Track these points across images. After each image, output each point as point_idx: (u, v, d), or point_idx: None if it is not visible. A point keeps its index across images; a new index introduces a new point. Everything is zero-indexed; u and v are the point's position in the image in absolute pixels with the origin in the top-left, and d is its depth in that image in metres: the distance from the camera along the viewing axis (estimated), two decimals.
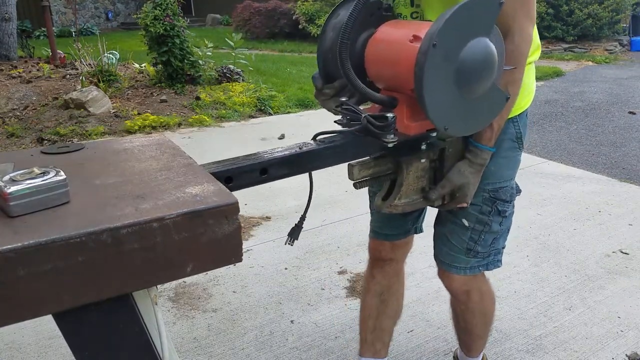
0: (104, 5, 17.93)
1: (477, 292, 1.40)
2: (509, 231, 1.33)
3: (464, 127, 1.04)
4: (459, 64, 0.94)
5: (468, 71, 0.95)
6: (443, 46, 0.90)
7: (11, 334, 1.95)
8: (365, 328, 1.58)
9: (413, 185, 1.13)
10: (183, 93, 5.97)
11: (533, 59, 1.21)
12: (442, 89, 0.95)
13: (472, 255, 1.29)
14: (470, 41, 0.94)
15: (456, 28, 0.91)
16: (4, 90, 5.59)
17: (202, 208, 0.67)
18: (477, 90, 0.99)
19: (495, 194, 1.22)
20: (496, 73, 1.00)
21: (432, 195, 1.13)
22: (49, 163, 0.79)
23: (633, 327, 1.97)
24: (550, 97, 6.59)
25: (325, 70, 1.16)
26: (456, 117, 1.00)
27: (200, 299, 2.20)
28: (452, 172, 1.13)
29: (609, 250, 2.56)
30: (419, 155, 1.10)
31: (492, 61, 0.97)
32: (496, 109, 1.06)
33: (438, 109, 0.96)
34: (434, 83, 0.92)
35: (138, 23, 6.25)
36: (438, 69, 0.92)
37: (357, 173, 1.07)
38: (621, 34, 11.20)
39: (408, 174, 1.10)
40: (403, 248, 1.50)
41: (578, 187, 3.45)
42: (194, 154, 0.92)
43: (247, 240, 2.72)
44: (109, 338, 0.70)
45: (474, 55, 0.94)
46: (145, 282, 0.68)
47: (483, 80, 0.98)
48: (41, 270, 0.58)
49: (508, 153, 1.22)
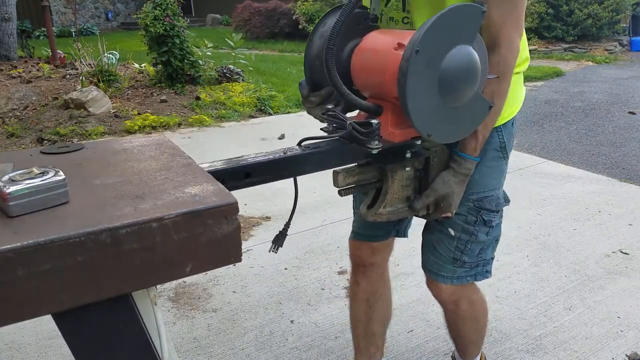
0: (104, 5, 17.93)
1: (466, 300, 1.39)
2: (497, 241, 1.32)
3: (448, 134, 1.04)
4: (441, 71, 0.94)
5: (451, 79, 0.95)
6: (426, 53, 0.91)
7: (11, 334, 1.95)
8: (357, 334, 1.57)
9: (398, 193, 1.13)
10: (183, 93, 5.97)
11: (521, 70, 1.21)
12: (425, 96, 0.95)
13: (459, 265, 1.28)
14: (453, 49, 0.94)
15: (439, 35, 0.92)
16: (4, 90, 5.59)
17: (201, 208, 0.67)
18: (460, 98, 0.99)
19: (480, 203, 1.22)
20: (479, 81, 1.00)
21: (416, 205, 1.13)
22: (48, 163, 0.79)
23: (633, 327, 1.97)
24: (550, 97, 6.60)
25: (312, 78, 1.16)
26: (439, 124, 1.00)
27: (200, 299, 2.20)
28: (437, 181, 1.13)
29: (609, 250, 2.56)
30: (404, 163, 1.10)
31: (475, 69, 0.97)
32: (479, 118, 1.07)
33: (421, 116, 0.96)
34: (417, 90, 0.93)
35: (138, 23, 6.25)
36: (421, 76, 0.92)
37: (342, 180, 1.06)
38: (621, 34, 11.21)
39: (393, 182, 1.10)
40: (383, 251, 1.49)
41: (578, 187, 3.45)
42: (194, 154, 0.92)
43: (247, 240, 2.72)
44: (109, 338, 0.70)
45: (457, 63, 0.94)
46: (145, 282, 0.67)
47: (466, 88, 0.98)
48: (40, 270, 0.58)
49: (492, 162, 1.21)
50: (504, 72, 1.07)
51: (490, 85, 1.06)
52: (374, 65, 1.05)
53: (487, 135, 1.13)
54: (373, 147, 0.98)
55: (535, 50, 10.47)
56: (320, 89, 1.16)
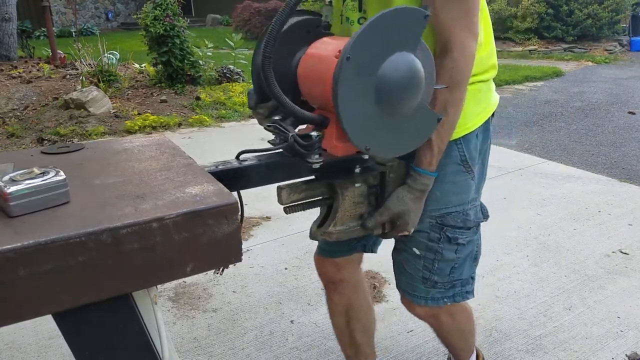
0: (104, 5, 17.92)
1: (446, 314, 1.31)
2: (475, 259, 1.25)
3: (390, 147, 0.96)
4: (378, 79, 0.87)
5: (389, 88, 0.88)
6: (358, 60, 0.84)
7: (11, 334, 1.95)
8: (344, 345, 1.55)
9: (350, 211, 1.05)
10: (183, 93, 5.97)
11: (487, 77, 1.14)
12: (360, 106, 0.88)
13: (431, 286, 1.21)
14: (392, 56, 0.88)
15: (374, 41, 0.85)
16: (4, 91, 5.59)
17: (201, 208, 0.67)
18: (401, 109, 0.92)
19: (443, 220, 1.15)
20: (423, 92, 0.93)
21: (368, 224, 1.06)
22: (48, 163, 0.79)
23: (633, 327, 1.97)
24: (550, 97, 6.60)
25: (259, 88, 1.09)
26: (379, 137, 0.93)
27: (200, 299, 2.20)
28: (391, 198, 1.06)
29: (609, 250, 2.56)
30: (354, 179, 1.03)
31: (417, 78, 0.90)
32: (427, 130, 0.99)
33: (357, 128, 0.89)
34: (351, 99, 0.86)
35: (138, 23, 6.25)
36: (354, 84, 0.86)
37: (286, 197, 0.98)
38: (621, 34, 11.22)
39: (344, 199, 1.03)
40: (349, 267, 1.41)
41: (578, 187, 3.45)
42: (194, 154, 0.92)
43: (247, 240, 2.72)
44: (109, 338, 0.70)
45: (396, 71, 0.87)
46: (145, 282, 0.68)
47: (407, 99, 0.91)
48: (41, 270, 0.58)
49: (454, 177, 1.14)
50: (458, 80, 1.00)
51: (442, 94, 0.99)
52: (317, 74, 0.98)
53: (443, 148, 1.05)
54: (313, 162, 0.92)
55: (535, 50, 10.47)
56: (268, 100, 1.09)
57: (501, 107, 6.12)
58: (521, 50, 10.55)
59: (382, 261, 2.49)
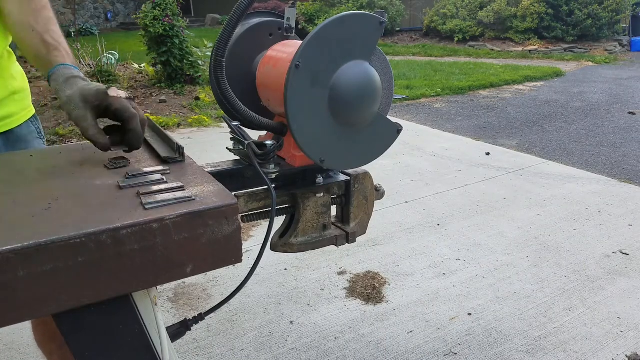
0: (104, 5, 17.92)
1: None
2: None
3: (346, 160, 0.92)
4: (330, 89, 0.84)
5: (343, 98, 0.84)
6: (309, 68, 0.81)
7: (11, 334, 1.95)
8: None
9: (312, 222, 1.01)
10: (182, 93, 5.97)
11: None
12: (313, 116, 0.84)
13: None
14: (346, 64, 0.84)
15: (325, 48, 0.82)
16: None
17: (202, 209, 0.67)
18: (357, 120, 0.88)
19: None
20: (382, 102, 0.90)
21: None
22: (48, 163, 0.79)
23: (633, 328, 1.97)
24: (550, 98, 6.60)
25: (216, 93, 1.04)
26: (334, 149, 0.89)
27: (200, 299, 2.20)
28: None
29: (609, 251, 2.56)
30: (316, 189, 0.99)
31: (373, 88, 0.86)
32: (386, 142, 0.95)
33: (309, 139, 0.85)
34: (302, 109, 0.83)
35: (137, 23, 6.25)
36: (305, 93, 0.82)
37: (244, 205, 0.94)
38: (621, 34, 11.23)
39: (305, 209, 0.99)
40: None
41: (578, 188, 3.45)
42: (194, 155, 0.92)
43: (247, 241, 2.72)
44: (109, 339, 0.70)
45: (350, 81, 0.84)
46: (145, 283, 0.67)
47: (363, 109, 0.87)
48: (41, 270, 0.58)
49: None
50: None
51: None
52: (273, 79, 0.94)
53: None
54: (269, 172, 0.88)
55: (535, 51, 10.48)
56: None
57: (501, 108, 6.13)
58: (521, 50, 10.56)
59: (382, 261, 2.49)
